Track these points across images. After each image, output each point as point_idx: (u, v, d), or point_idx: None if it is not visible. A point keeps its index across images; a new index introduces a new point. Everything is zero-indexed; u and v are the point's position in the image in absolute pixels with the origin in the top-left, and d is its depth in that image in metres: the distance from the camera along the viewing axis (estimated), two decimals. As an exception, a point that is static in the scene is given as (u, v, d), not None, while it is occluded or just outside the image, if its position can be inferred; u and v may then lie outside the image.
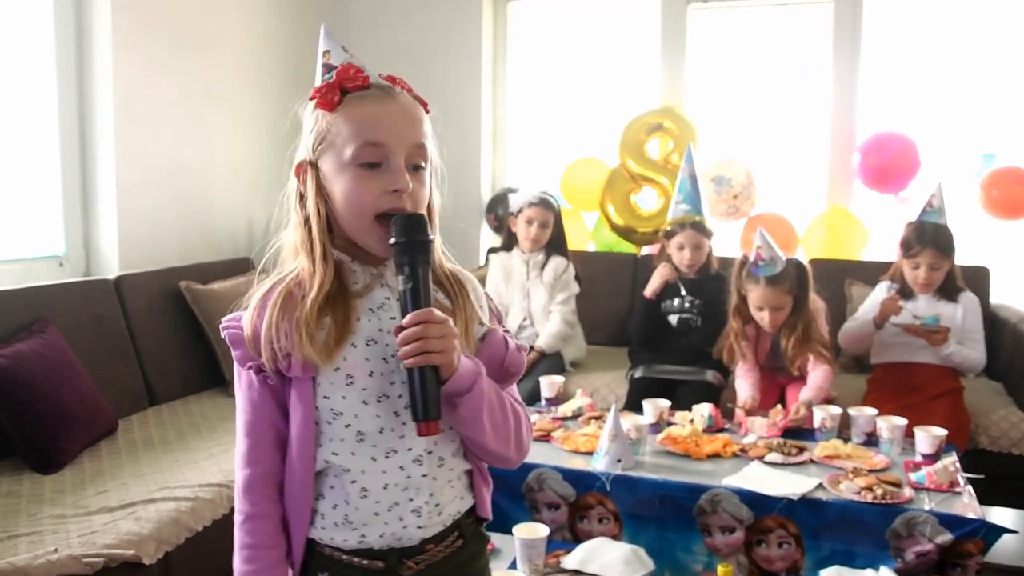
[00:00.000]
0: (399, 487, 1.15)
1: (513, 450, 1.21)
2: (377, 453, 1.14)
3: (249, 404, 1.17)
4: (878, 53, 4.16)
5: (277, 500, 1.17)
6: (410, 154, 1.13)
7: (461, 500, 1.22)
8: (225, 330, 1.17)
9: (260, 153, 4.15)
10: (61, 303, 2.79)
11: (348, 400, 1.13)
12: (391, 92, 1.15)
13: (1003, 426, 3.04)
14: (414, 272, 1.08)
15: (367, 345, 1.13)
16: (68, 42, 3.16)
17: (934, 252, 3.03)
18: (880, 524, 2.10)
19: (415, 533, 1.16)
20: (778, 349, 3.11)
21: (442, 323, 1.07)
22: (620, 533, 2.31)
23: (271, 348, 1.11)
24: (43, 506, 2.16)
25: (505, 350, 1.22)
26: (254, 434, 1.17)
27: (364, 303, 1.15)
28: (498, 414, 1.16)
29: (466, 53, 4.52)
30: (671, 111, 4.22)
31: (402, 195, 1.11)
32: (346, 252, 1.18)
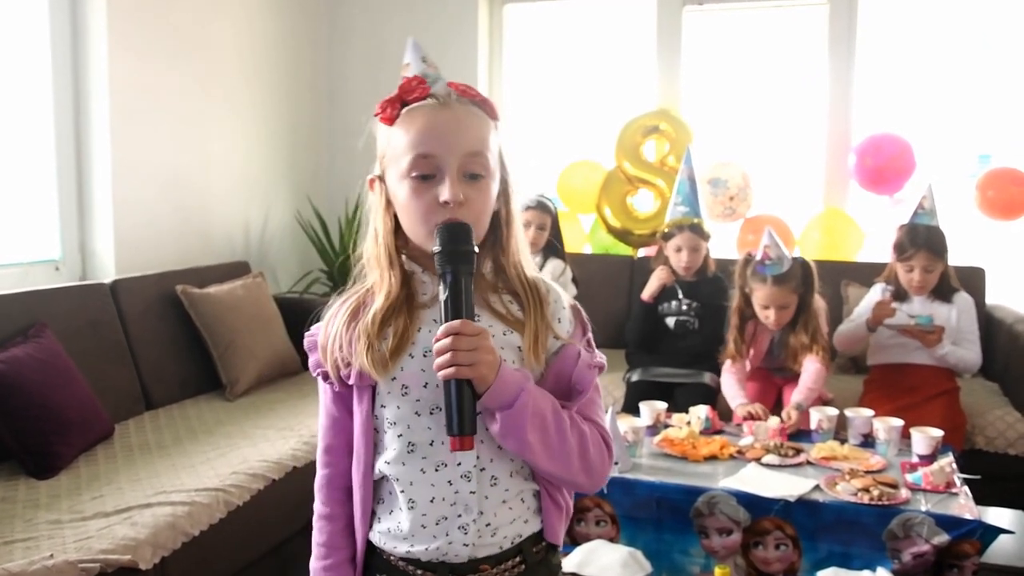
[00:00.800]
0: (446, 502, 1.13)
1: (579, 472, 1.15)
2: (427, 465, 1.13)
3: (324, 408, 1.23)
4: (873, 54, 4.16)
5: (345, 502, 1.21)
6: (464, 163, 1.11)
7: (525, 523, 1.18)
8: (306, 337, 1.23)
9: (257, 156, 4.15)
10: (57, 307, 2.78)
11: (402, 410, 1.14)
12: (447, 101, 1.14)
13: (999, 426, 3.05)
14: (455, 282, 1.07)
15: (424, 356, 1.12)
16: (64, 45, 3.16)
17: (928, 254, 3.03)
18: (877, 525, 2.10)
19: (461, 550, 1.14)
20: (776, 349, 3.13)
21: (474, 335, 1.05)
22: (617, 535, 2.31)
23: (334, 357, 1.15)
24: (39, 511, 2.15)
25: (574, 365, 1.16)
26: (327, 437, 1.23)
27: (429, 314, 1.15)
28: (553, 433, 1.11)
29: (462, 56, 4.52)
30: (667, 113, 4.23)
31: (454, 206, 1.10)
32: (418, 263, 1.18)
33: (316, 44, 4.59)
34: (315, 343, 1.19)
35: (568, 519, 1.26)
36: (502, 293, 1.17)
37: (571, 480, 1.17)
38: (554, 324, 1.17)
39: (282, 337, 3.51)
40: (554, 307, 1.18)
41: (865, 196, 4.10)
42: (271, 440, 2.72)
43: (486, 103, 1.17)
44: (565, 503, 1.23)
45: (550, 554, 1.23)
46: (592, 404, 1.20)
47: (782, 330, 3.07)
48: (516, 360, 1.14)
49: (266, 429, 2.83)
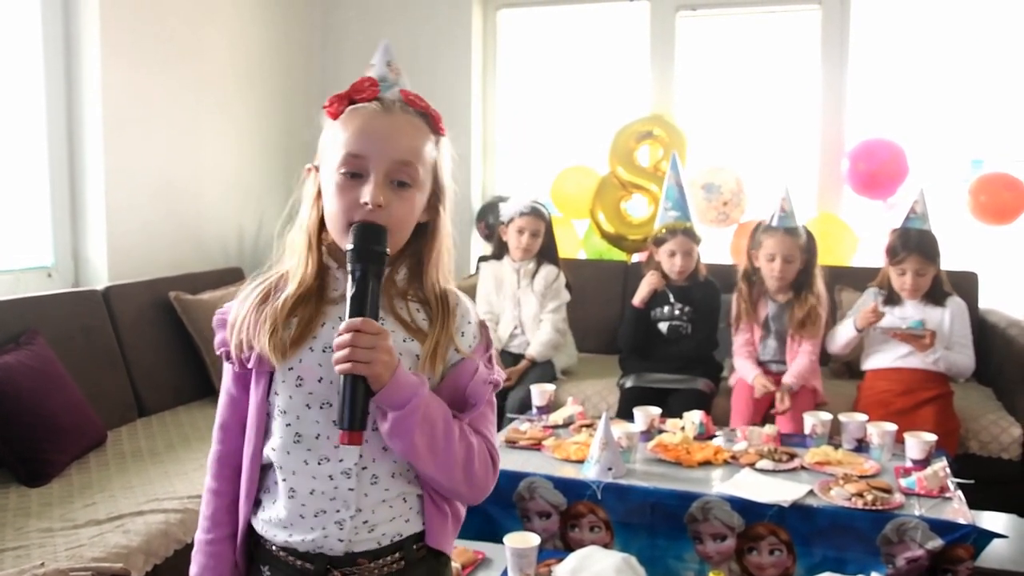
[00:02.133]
0: (325, 495, 1.15)
1: (461, 482, 1.17)
2: (310, 457, 1.15)
3: (223, 386, 1.26)
4: (866, 59, 4.18)
5: (233, 480, 1.23)
6: (392, 170, 1.13)
7: (406, 523, 1.20)
8: (216, 314, 1.24)
9: (250, 162, 4.15)
10: (49, 314, 2.77)
11: (294, 400, 1.15)
12: (390, 107, 1.16)
13: (993, 431, 3.05)
14: (362, 280, 1.09)
15: (324, 351, 1.14)
16: (56, 51, 3.16)
17: (919, 258, 3.05)
18: (871, 530, 2.10)
19: (336, 544, 1.16)
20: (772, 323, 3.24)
21: (374, 335, 1.06)
22: (611, 541, 2.31)
23: (239, 338, 1.17)
24: (30, 519, 2.14)
25: (470, 379, 1.19)
26: (223, 414, 1.25)
27: (336, 310, 1.16)
28: (440, 440, 1.13)
29: (456, 61, 4.52)
30: (661, 119, 4.24)
31: (373, 208, 1.11)
32: (335, 258, 1.19)
33: (309, 50, 4.59)
34: (224, 321, 1.21)
35: (458, 526, 1.27)
36: (411, 301, 1.20)
37: (452, 488, 1.20)
38: (457, 337, 1.19)
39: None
40: (460, 321, 1.21)
41: (858, 201, 4.11)
42: (264, 447, 2.71)
43: (432, 116, 1.19)
44: (452, 509, 1.25)
45: (434, 559, 1.24)
46: (483, 418, 1.23)
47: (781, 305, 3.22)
48: (413, 367, 1.16)
49: (259, 436, 2.82)
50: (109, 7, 3.19)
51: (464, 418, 1.19)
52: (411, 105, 1.18)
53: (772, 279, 3.21)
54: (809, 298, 3.16)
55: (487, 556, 2.16)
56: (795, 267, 3.18)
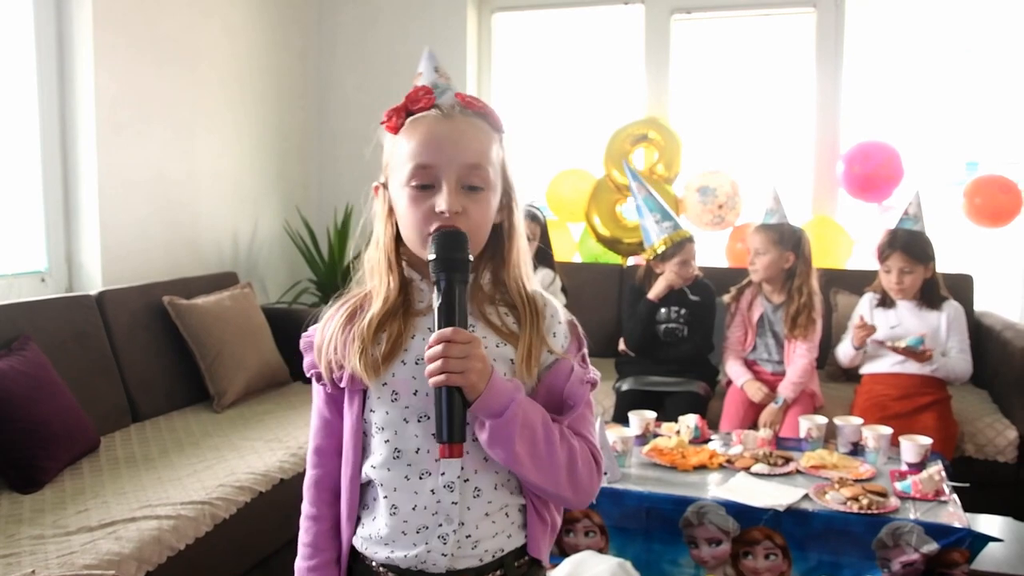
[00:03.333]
0: (428, 510, 1.14)
1: (566, 486, 1.14)
2: (411, 472, 1.14)
3: (317, 410, 1.24)
4: (861, 62, 4.18)
5: (333, 504, 1.22)
6: (463, 174, 1.12)
7: (508, 538, 1.18)
8: (302, 337, 1.24)
9: (244, 166, 4.14)
10: (43, 319, 2.76)
11: (391, 416, 1.14)
12: (450, 113, 1.15)
13: (989, 434, 3.05)
14: (448, 289, 1.08)
15: (416, 364, 1.13)
16: (49, 55, 3.15)
17: (903, 256, 3.06)
18: (866, 534, 2.10)
19: (440, 560, 1.14)
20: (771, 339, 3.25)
21: (466, 343, 1.05)
22: (607, 546, 2.30)
23: (328, 359, 1.16)
24: (21, 526, 2.12)
25: (567, 380, 1.17)
26: (317, 438, 1.25)
27: (424, 322, 1.15)
28: (542, 445, 1.11)
29: (451, 64, 4.51)
30: (656, 122, 4.23)
31: (450, 216, 1.10)
32: (417, 271, 1.19)
33: (305, 54, 4.59)
34: (311, 344, 1.21)
35: (555, 535, 1.25)
36: (499, 305, 1.18)
37: (557, 494, 1.17)
38: (549, 338, 1.17)
39: (270, 348, 3.49)
40: (550, 321, 1.19)
41: (854, 204, 4.11)
42: (259, 452, 2.70)
43: (491, 115, 1.19)
44: (551, 518, 1.23)
45: (533, 569, 1.22)
46: (583, 419, 1.20)
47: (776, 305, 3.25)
48: (508, 372, 1.14)
49: (254, 441, 2.81)
50: (102, 9, 3.18)
51: (563, 420, 1.16)
52: (469, 107, 1.17)
53: (751, 273, 3.27)
54: (798, 297, 3.17)
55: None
56: (768, 260, 3.20)
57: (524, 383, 1.14)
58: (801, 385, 3.12)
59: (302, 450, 2.72)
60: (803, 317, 3.16)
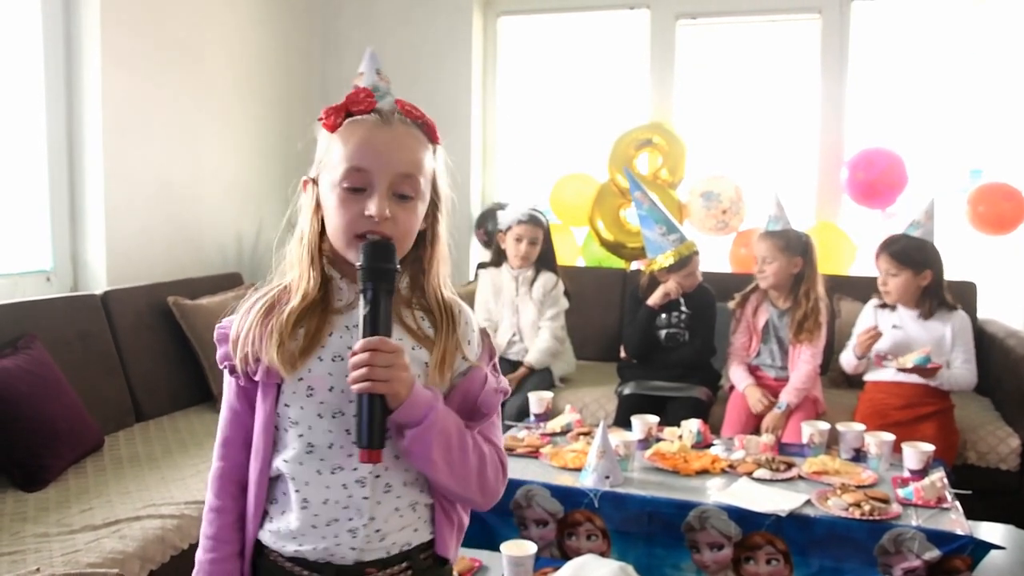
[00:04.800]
0: (339, 504, 1.16)
1: (476, 491, 1.19)
2: (323, 467, 1.16)
3: (226, 402, 1.24)
4: (866, 69, 4.19)
5: (238, 497, 1.22)
6: (395, 182, 1.14)
7: (414, 532, 1.21)
8: (217, 328, 1.23)
9: (250, 167, 4.15)
10: (47, 318, 2.77)
11: (305, 411, 1.15)
12: (389, 119, 1.16)
13: (991, 441, 3.05)
14: (375, 298, 1.10)
15: (333, 361, 1.15)
16: (57, 55, 3.16)
17: (887, 258, 3.08)
18: (868, 540, 2.09)
19: (348, 553, 1.17)
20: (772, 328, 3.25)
21: (391, 352, 1.08)
22: (608, 550, 2.30)
23: (244, 351, 1.16)
24: (26, 524, 2.14)
25: (481, 389, 1.20)
26: (225, 430, 1.24)
27: (342, 320, 1.17)
28: (455, 451, 1.15)
29: (456, 67, 4.53)
30: (660, 126, 4.24)
31: (379, 221, 1.12)
32: (337, 269, 1.20)
33: (309, 56, 4.60)
34: (226, 335, 1.21)
35: (461, 534, 1.29)
36: (415, 309, 1.21)
37: (466, 497, 1.22)
38: (464, 345, 1.21)
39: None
40: (464, 328, 1.22)
41: (857, 210, 4.11)
42: (261, 452, 2.70)
43: (428, 126, 1.20)
44: (458, 518, 1.27)
45: (437, 565, 1.25)
46: (493, 426, 1.25)
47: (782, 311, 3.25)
48: (422, 375, 1.17)
49: (257, 441, 2.82)
50: (109, 12, 3.19)
51: (475, 427, 1.20)
52: (408, 116, 1.18)
53: (759, 280, 3.26)
54: (805, 303, 3.18)
55: (484, 564, 2.16)
56: (776, 267, 3.20)
57: (437, 387, 1.17)
58: (804, 391, 3.12)
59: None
60: (810, 322, 3.16)
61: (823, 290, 3.21)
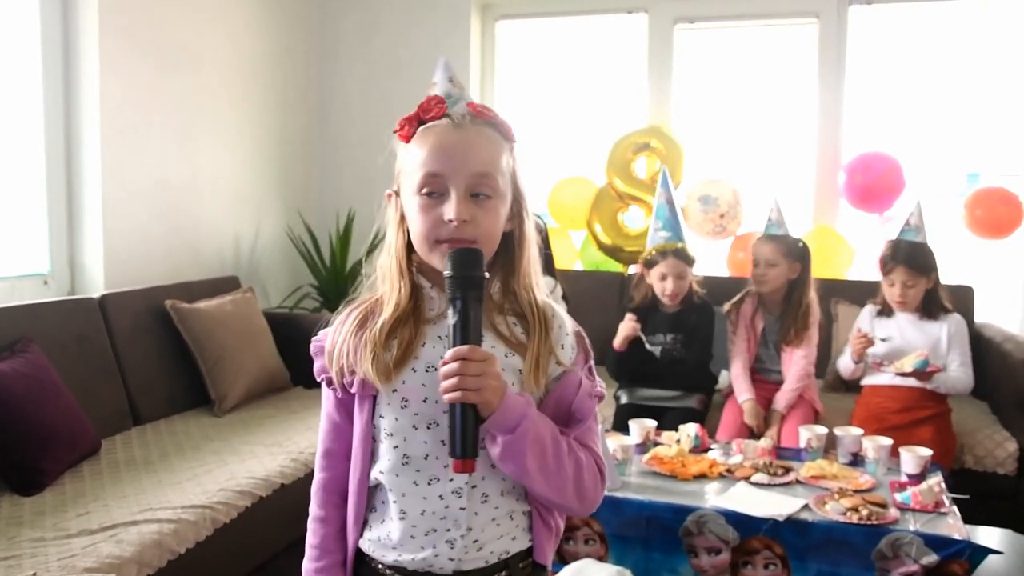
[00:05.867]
0: (436, 515, 1.16)
1: (572, 497, 1.17)
2: (420, 478, 1.16)
3: (325, 413, 1.26)
4: (863, 73, 4.19)
5: (340, 506, 1.24)
6: (471, 183, 1.13)
7: (512, 540, 1.20)
8: (313, 341, 1.25)
9: (247, 171, 4.15)
10: (45, 322, 2.76)
11: (400, 422, 1.16)
12: (461, 122, 1.16)
13: (988, 445, 3.05)
14: (464, 307, 1.09)
15: (426, 371, 1.15)
16: (55, 59, 3.16)
17: (906, 269, 3.05)
18: (866, 545, 2.10)
19: (447, 564, 1.17)
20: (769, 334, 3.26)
21: (481, 361, 1.06)
22: (606, 554, 2.30)
23: (339, 363, 1.17)
24: (22, 529, 2.13)
25: (575, 393, 1.19)
26: (326, 442, 1.26)
27: (434, 330, 1.17)
28: (551, 459, 1.13)
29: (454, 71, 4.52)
30: (658, 130, 4.25)
31: (458, 224, 1.11)
32: (427, 278, 1.20)
33: (307, 59, 4.60)
34: (321, 348, 1.22)
35: (558, 540, 1.28)
36: (508, 315, 1.19)
37: (564, 505, 1.20)
38: (557, 350, 1.19)
39: (272, 353, 3.50)
40: (558, 333, 1.20)
41: (855, 214, 4.12)
42: (259, 457, 2.70)
43: (502, 125, 1.20)
44: (555, 525, 1.25)
45: (536, 572, 1.24)
46: (589, 432, 1.22)
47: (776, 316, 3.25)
48: (516, 382, 1.15)
49: (254, 445, 2.82)
50: (108, 14, 3.20)
51: (571, 433, 1.18)
52: (480, 117, 1.18)
53: (757, 284, 3.26)
54: (797, 308, 3.20)
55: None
56: (778, 272, 3.21)
57: (531, 394, 1.15)
58: (798, 390, 3.15)
59: (303, 455, 2.73)
60: (799, 324, 3.19)
61: (814, 294, 3.23)
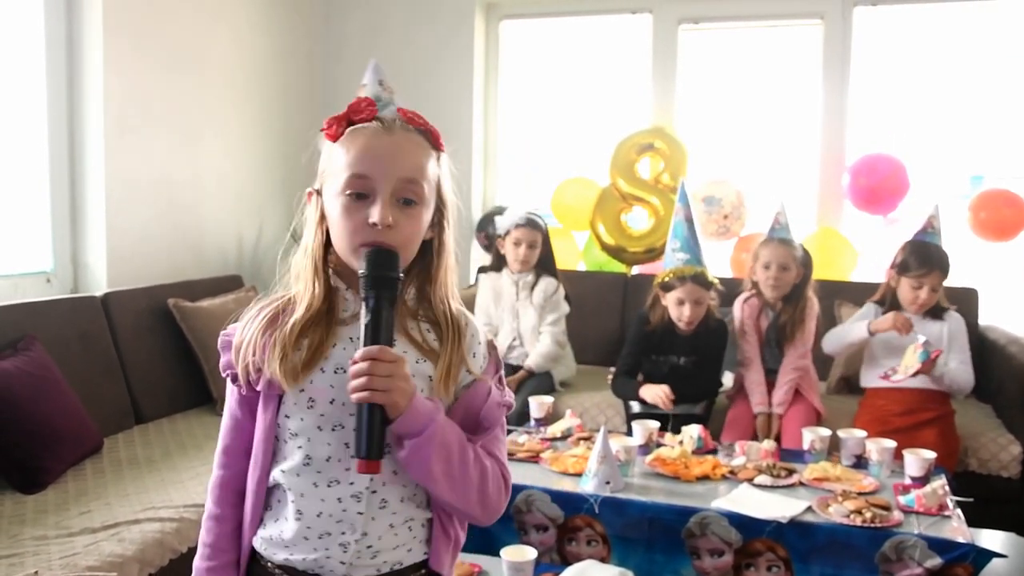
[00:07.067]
0: (332, 518, 1.15)
1: (476, 505, 1.18)
2: (320, 480, 1.14)
3: (227, 409, 1.24)
4: (867, 74, 4.19)
5: (237, 505, 1.21)
6: (398, 188, 1.13)
7: (408, 552, 1.19)
8: (221, 335, 1.22)
9: (250, 170, 4.15)
10: (47, 320, 2.77)
11: (305, 423, 1.14)
12: (391, 126, 1.16)
13: (992, 448, 3.04)
14: (376, 307, 1.09)
15: (335, 373, 1.14)
16: (59, 58, 3.16)
17: (940, 275, 3.03)
18: (869, 548, 2.09)
19: (337, 567, 1.15)
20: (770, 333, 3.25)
21: (392, 362, 1.07)
22: (609, 556, 2.30)
23: (246, 361, 1.16)
24: (24, 527, 2.13)
25: (484, 402, 1.19)
26: (227, 438, 1.24)
27: (347, 331, 1.16)
28: (456, 465, 1.14)
29: (458, 72, 4.53)
30: (662, 131, 4.24)
31: (382, 228, 1.11)
32: (343, 280, 1.19)
33: (311, 58, 4.60)
34: (229, 343, 1.20)
35: (457, 550, 1.27)
36: (421, 321, 1.19)
37: (466, 511, 1.20)
38: (468, 358, 1.19)
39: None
40: (471, 341, 1.21)
41: (859, 216, 4.11)
42: (261, 456, 2.70)
43: (431, 133, 1.19)
44: (455, 534, 1.25)
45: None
46: (496, 440, 1.23)
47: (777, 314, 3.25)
48: (426, 389, 1.16)
49: (256, 444, 2.81)
50: (112, 13, 3.20)
51: (477, 441, 1.19)
52: (410, 123, 1.18)
53: (768, 287, 3.23)
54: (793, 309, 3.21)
55: (484, 569, 2.15)
56: (791, 276, 3.21)
57: (441, 400, 1.16)
58: (793, 381, 3.18)
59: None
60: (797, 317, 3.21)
61: (813, 296, 3.25)
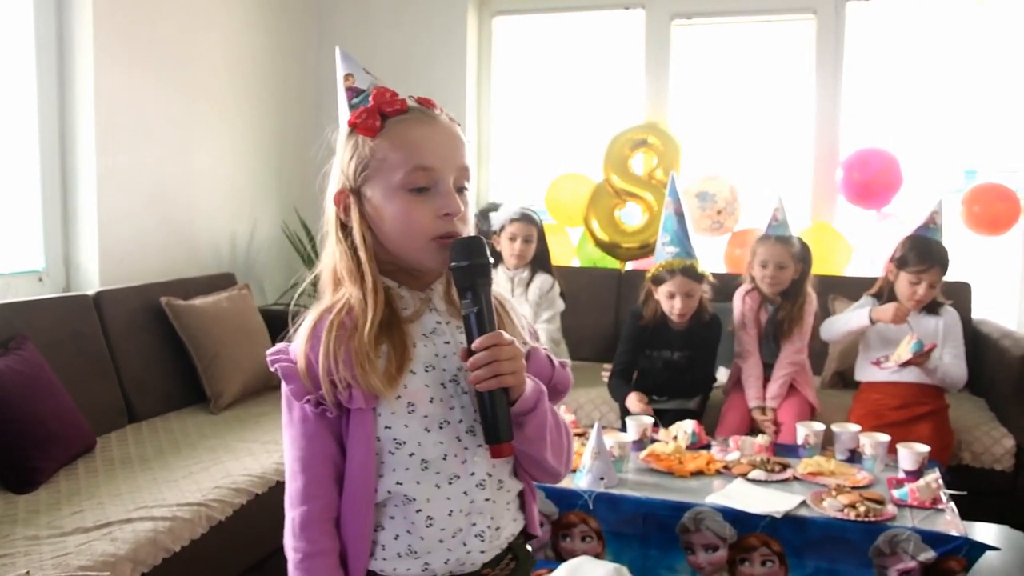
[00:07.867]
0: (463, 512, 1.13)
1: (564, 465, 1.22)
2: (441, 480, 1.12)
3: (304, 439, 1.13)
4: (860, 69, 4.19)
5: (335, 535, 1.13)
6: (457, 176, 1.13)
7: (515, 522, 1.22)
8: (275, 364, 1.14)
9: (243, 168, 4.13)
10: (39, 319, 2.75)
11: (411, 428, 1.11)
12: (431, 114, 1.14)
13: (986, 442, 3.05)
14: (477, 295, 1.08)
15: (426, 371, 1.13)
16: (49, 55, 3.14)
17: (940, 271, 3.04)
18: (863, 542, 2.09)
19: (477, 558, 1.15)
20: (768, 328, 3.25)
21: (511, 345, 1.07)
22: (603, 551, 2.30)
23: (330, 380, 1.09)
24: (16, 527, 2.12)
25: (551, 368, 1.21)
26: (311, 469, 1.12)
27: (416, 328, 1.15)
28: (555, 430, 1.17)
29: (451, 68, 4.52)
30: (655, 127, 4.24)
31: (454, 218, 1.10)
32: (393, 278, 1.16)
33: (303, 55, 4.59)
34: (292, 369, 1.12)
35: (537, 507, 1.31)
36: None
37: (557, 471, 1.21)
38: (521, 331, 1.21)
39: (267, 350, 3.47)
40: (515, 315, 1.23)
41: (852, 211, 4.11)
42: (255, 454, 2.69)
43: (452, 117, 1.19)
44: (535, 493, 1.29)
45: (526, 545, 1.26)
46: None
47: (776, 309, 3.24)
48: None
49: (250, 443, 2.81)
50: (102, 11, 3.18)
51: (556, 403, 1.22)
52: (436, 109, 1.17)
53: (765, 285, 3.23)
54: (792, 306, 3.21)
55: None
56: (788, 273, 3.20)
57: None
58: (789, 375, 3.18)
59: (299, 452, 2.71)
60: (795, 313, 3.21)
61: (811, 291, 3.25)
